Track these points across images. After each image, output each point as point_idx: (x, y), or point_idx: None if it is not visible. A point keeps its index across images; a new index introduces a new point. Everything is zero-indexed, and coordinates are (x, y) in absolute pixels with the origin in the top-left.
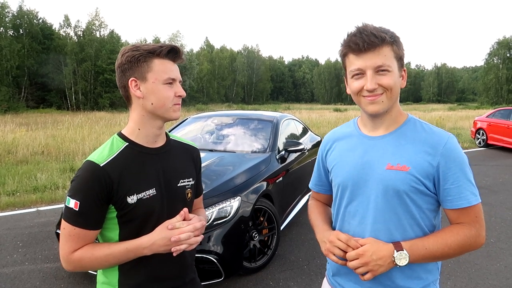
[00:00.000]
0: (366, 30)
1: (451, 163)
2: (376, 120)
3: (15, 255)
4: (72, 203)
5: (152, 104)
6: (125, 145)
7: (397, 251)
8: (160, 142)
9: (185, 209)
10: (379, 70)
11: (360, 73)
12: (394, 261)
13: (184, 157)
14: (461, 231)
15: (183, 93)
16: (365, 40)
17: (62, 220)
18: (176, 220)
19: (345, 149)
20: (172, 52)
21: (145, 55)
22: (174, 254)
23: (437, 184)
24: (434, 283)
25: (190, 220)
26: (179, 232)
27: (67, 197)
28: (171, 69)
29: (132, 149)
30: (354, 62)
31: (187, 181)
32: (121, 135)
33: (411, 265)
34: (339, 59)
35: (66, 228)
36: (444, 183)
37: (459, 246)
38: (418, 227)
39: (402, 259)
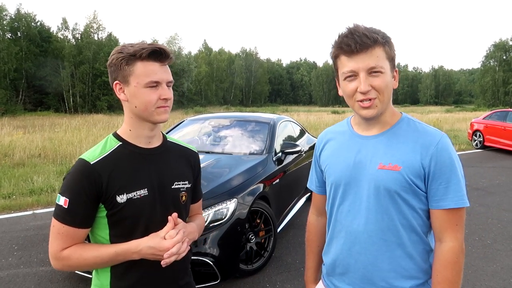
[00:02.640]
0: (358, 31)
1: (442, 163)
2: (370, 121)
3: (10, 258)
4: (62, 201)
5: (136, 107)
6: (118, 144)
7: None
8: (155, 143)
9: (174, 214)
10: (372, 71)
11: (353, 75)
12: None
13: (180, 159)
14: (451, 259)
15: (168, 96)
16: (357, 41)
17: (52, 217)
18: (167, 229)
19: (338, 148)
20: (155, 54)
21: (127, 58)
22: (163, 265)
23: (427, 183)
24: (428, 282)
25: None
26: (171, 243)
27: (58, 194)
28: (154, 71)
29: (125, 149)
30: (346, 64)
31: (182, 184)
32: (115, 135)
33: (405, 263)
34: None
35: (55, 225)
36: (433, 183)
37: (458, 272)
38: (410, 228)
39: None
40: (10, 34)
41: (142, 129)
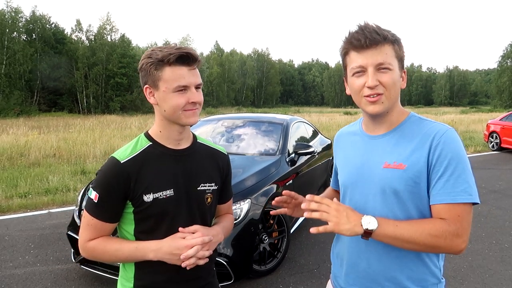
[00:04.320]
0: (368, 27)
1: (444, 156)
2: (377, 120)
3: (27, 256)
4: (93, 195)
5: (165, 111)
6: (148, 144)
7: (366, 215)
8: (184, 144)
9: (195, 227)
10: (380, 67)
11: (361, 71)
12: (361, 224)
13: (208, 161)
14: (438, 222)
15: (197, 99)
16: (367, 36)
17: (84, 208)
18: (187, 231)
19: (348, 148)
20: (182, 58)
21: (156, 63)
22: (188, 268)
23: (431, 177)
24: (437, 285)
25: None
26: (189, 244)
27: (90, 187)
28: (182, 76)
29: (155, 149)
30: (355, 60)
31: (208, 186)
32: (146, 135)
33: (411, 264)
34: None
35: (85, 217)
36: (433, 177)
37: (430, 234)
38: None
39: (370, 223)
40: (25, 36)
41: (172, 131)
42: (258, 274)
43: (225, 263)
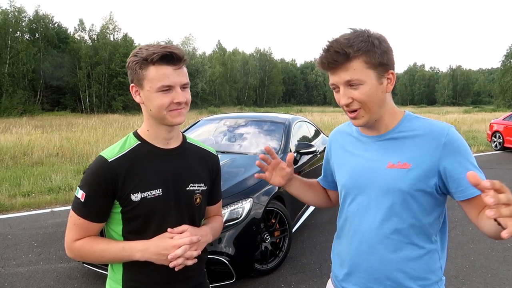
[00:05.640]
0: (332, 48)
1: (456, 153)
2: (369, 126)
3: (30, 255)
4: (80, 194)
5: (151, 110)
6: (137, 143)
7: None
8: (173, 144)
9: (183, 227)
10: (350, 84)
11: (336, 87)
12: None
13: (198, 161)
14: None
15: (181, 99)
16: (329, 59)
17: (70, 208)
18: (176, 230)
19: (346, 149)
20: (166, 58)
21: (140, 62)
22: (176, 269)
23: (444, 177)
24: (438, 283)
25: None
26: (177, 244)
27: (78, 187)
28: (166, 75)
29: (143, 148)
30: (329, 76)
31: (197, 186)
32: (135, 134)
33: (413, 264)
34: None
35: (72, 216)
36: (452, 175)
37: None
38: (420, 228)
39: None
40: (28, 35)
41: (160, 130)
42: (260, 273)
43: (227, 262)
